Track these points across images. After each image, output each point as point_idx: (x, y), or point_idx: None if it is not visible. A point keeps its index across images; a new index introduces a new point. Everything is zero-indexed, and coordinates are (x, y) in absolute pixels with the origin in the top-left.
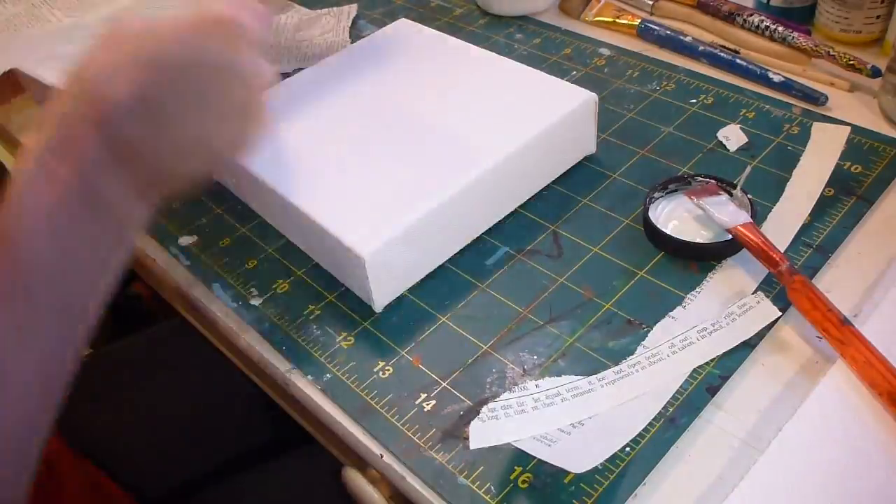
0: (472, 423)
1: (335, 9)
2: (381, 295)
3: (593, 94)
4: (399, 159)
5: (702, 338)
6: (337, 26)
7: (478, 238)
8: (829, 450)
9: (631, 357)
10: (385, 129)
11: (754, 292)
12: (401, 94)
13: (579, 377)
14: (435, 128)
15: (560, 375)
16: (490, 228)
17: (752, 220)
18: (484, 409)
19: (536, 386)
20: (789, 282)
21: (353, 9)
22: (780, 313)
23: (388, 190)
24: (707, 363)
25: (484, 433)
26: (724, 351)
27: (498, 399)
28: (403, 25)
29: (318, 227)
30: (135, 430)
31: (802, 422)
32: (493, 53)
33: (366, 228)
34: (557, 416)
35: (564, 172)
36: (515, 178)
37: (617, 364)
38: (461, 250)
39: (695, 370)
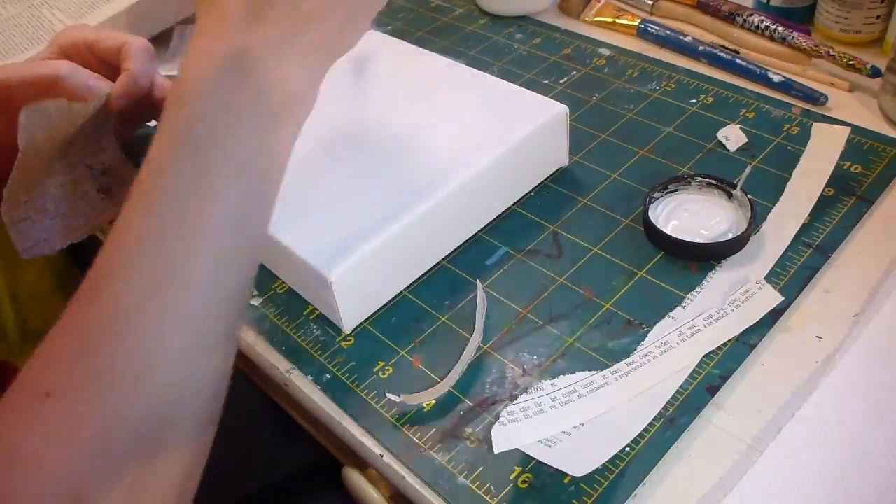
0: (494, 427)
1: None
2: (349, 317)
3: (564, 106)
4: (366, 178)
5: (708, 325)
6: None
7: (478, 238)
8: (828, 450)
9: (642, 347)
10: (351, 147)
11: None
12: (367, 109)
13: (593, 372)
14: (403, 144)
15: (558, 376)
16: (490, 228)
17: None
18: (504, 412)
19: (552, 385)
20: None
21: None
22: (783, 297)
23: (356, 210)
24: (707, 363)
25: (506, 437)
26: (732, 337)
27: (517, 402)
28: (371, 37)
29: (283, 249)
30: None
31: (802, 422)
32: (463, 65)
33: (332, 248)
34: (576, 412)
35: (564, 172)
36: (485, 195)
37: (618, 363)
38: (461, 250)
39: (695, 370)
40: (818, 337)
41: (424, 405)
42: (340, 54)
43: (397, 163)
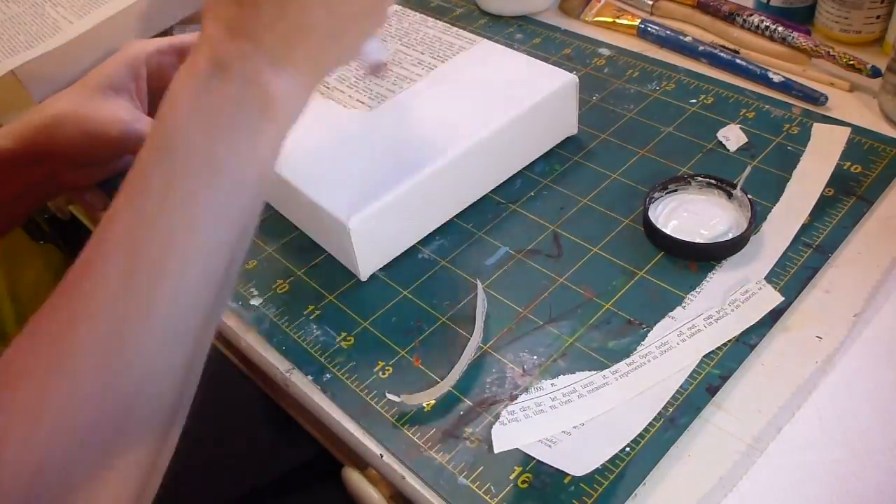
0: (494, 427)
1: None
2: (365, 264)
3: (573, 75)
4: (385, 136)
5: (708, 325)
6: None
7: (478, 237)
8: (828, 450)
9: (642, 347)
10: (371, 108)
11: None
12: (388, 73)
13: (593, 372)
14: (420, 107)
15: (558, 375)
16: (490, 228)
17: None
18: (504, 412)
19: (552, 385)
20: None
21: None
22: (783, 298)
23: (374, 163)
24: (707, 363)
25: (506, 437)
26: (732, 337)
27: (517, 401)
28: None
29: (305, 198)
30: None
31: (802, 422)
32: (476, 36)
33: (352, 199)
34: (576, 412)
35: (563, 172)
36: (496, 157)
37: (618, 363)
38: (461, 249)
39: (695, 370)
40: (818, 337)
41: (424, 405)
42: (338, 64)
43: (415, 123)
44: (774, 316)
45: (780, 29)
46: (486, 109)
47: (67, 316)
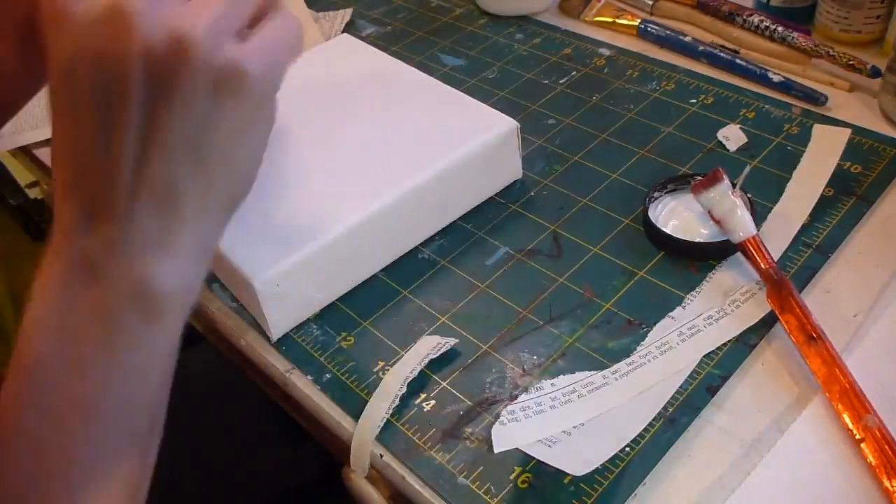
0: (494, 427)
1: (330, 13)
2: (277, 326)
3: (514, 122)
4: (309, 184)
5: (708, 325)
6: (330, 31)
7: (478, 237)
8: (831, 451)
9: (642, 347)
10: (298, 152)
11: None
12: (315, 114)
13: (593, 372)
14: (348, 152)
15: (558, 375)
16: (490, 228)
17: (757, 233)
18: (504, 412)
19: (552, 385)
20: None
21: (347, 13)
22: None
23: (292, 216)
24: (707, 363)
25: (506, 436)
26: (732, 337)
27: (517, 401)
28: (346, 41)
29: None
30: None
31: (804, 421)
32: (426, 76)
33: (264, 255)
34: (576, 412)
35: (563, 172)
36: (427, 208)
37: (618, 363)
38: (461, 249)
39: (695, 370)
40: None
41: (425, 405)
42: (237, 199)
43: (338, 170)
44: (774, 316)
45: (780, 29)
46: (417, 158)
47: None
